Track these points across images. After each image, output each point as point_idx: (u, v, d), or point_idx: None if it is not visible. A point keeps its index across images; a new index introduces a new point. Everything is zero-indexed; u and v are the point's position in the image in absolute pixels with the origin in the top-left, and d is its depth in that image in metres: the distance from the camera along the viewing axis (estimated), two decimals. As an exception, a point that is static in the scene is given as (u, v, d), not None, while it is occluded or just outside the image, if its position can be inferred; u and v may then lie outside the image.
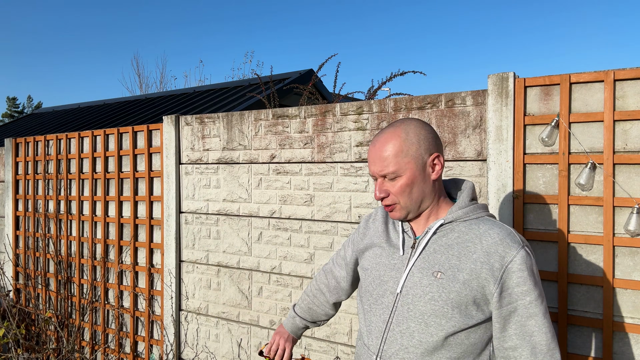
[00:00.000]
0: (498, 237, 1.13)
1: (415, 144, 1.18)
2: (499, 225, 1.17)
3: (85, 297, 3.47)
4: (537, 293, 1.10)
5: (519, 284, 1.09)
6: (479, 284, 1.11)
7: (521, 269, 1.09)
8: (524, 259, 1.10)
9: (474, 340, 1.15)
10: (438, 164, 1.20)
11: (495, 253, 1.11)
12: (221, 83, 7.91)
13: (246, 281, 2.70)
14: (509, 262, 1.10)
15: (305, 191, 2.49)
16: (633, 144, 1.73)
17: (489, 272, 1.10)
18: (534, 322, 1.09)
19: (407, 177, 1.18)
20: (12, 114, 38.31)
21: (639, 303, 1.73)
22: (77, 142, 3.54)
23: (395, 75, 3.50)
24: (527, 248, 1.13)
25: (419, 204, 1.21)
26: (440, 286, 1.13)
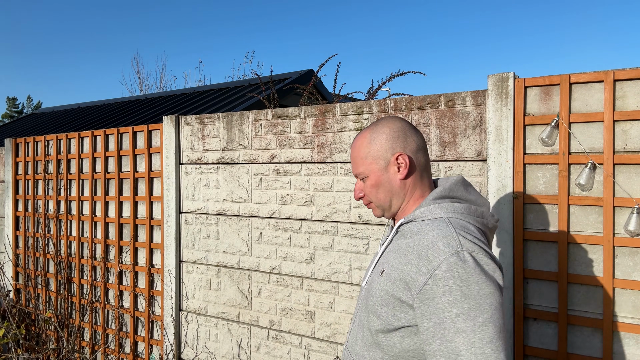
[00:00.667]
0: (431, 240, 1.05)
1: (378, 144, 1.20)
2: (442, 227, 1.07)
3: (85, 297, 3.47)
4: (467, 306, 0.96)
5: (445, 293, 0.98)
6: (406, 286, 1.05)
7: (446, 277, 0.98)
8: (451, 266, 0.98)
9: (408, 346, 1.07)
10: (402, 163, 1.18)
11: (425, 257, 1.03)
12: (221, 83, 7.92)
13: (246, 281, 2.70)
14: (435, 268, 1.00)
15: (305, 191, 2.49)
16: (633, 144, 1.73)
17: (414, 275, 1.03)
18: (462, 339, 0.95)
19: (372, 178, 1.22)
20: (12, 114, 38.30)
21: (639, 303, 1.73)
22: (77, 142, 3.54)
23: (395, 76, 3.50)
24: (469, 254, 1.00)
25: (389, 203, 1.23)
26: (380, 283, 1.13)
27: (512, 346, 1.92)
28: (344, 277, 2.37)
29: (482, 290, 0.98)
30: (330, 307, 2.41)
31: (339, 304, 2.38)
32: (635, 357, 1.74)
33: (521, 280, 1.90)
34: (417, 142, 1.22)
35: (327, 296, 2.42)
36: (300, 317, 2.50)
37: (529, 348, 1.91)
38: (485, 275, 0.99)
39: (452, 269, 0.98)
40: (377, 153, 1.20)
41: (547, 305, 1.88)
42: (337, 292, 2.39)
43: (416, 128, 1.25)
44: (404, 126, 1.22)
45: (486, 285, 0.98)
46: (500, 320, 0.97)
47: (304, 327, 2.49)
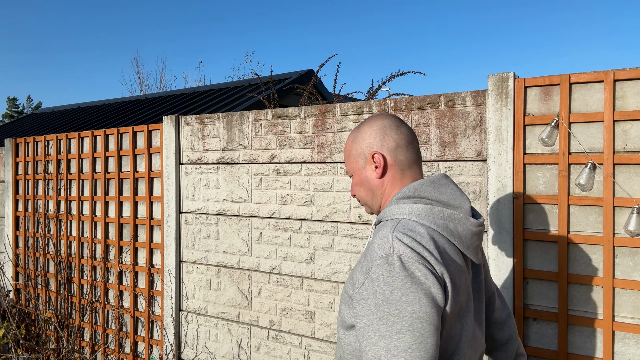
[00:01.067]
0: (375, 242, 1.04)
1: (358, 143, 1.21)
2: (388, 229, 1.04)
3: (85, 297, 3.47)
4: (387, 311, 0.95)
5: (371, 295, 0.98)
6: (352, 285, 1.06)
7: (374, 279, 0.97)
8: (378, 269, 0.97)
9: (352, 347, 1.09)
10: (377, 162, 1.17)
11: (367, 258, 1.04)
12: (221, 83, 7.92)
13: (246, 281, 2.70)
14: (369, 270, 1.00)
15: (305, 191, 2.49)
16: (633, 144, 1.73)
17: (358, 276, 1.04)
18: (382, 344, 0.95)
19: (355, 176, 1.23)
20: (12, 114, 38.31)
21: (639, 303, 1.73)
22: (77, 142, 3.54)
23: (395, 76, 3.50)
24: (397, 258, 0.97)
25: (371, 201, 1.23)
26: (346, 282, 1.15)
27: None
28: (344, 277, 2.36)
29: (404, 296, 0.94)
30: (331, 307, 2.41)
31: (339, 304, 2.38)
32: (635, 357, 1.73)
33: (521, 280, 1.90)
34: (398, 139, 1.17)
35: (327, 296, 2.41)
36: (300, 317, 2.50)
37: (529, 348, 1.91)
38: (411, 282, 0.95)
39: (378, 271, 0.97)
40: (357, 152, 1.21)
41: (547, 305, 1.88)
42: (337, 292, 2.39)
43: (402, 125, 1.20)
44: (385, 124, 1.19)
45: (411, 292, 0.94)
46: (423, 330, 0.93)
47: (304, 327, 2.49)
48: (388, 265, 0.96)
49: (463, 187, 2.05)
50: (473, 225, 1.09)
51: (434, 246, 1.01)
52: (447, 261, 1.02)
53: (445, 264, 1.00)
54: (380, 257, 0.98)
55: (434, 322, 0.95)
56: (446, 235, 1.06)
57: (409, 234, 1.01)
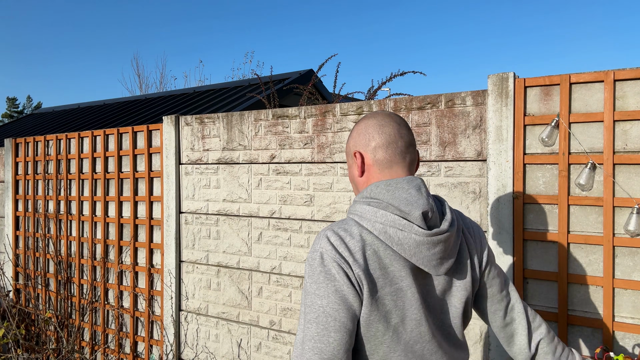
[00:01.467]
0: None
1: (348, 141, 1.24)
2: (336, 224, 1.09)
3: (85, 297, 3.47)
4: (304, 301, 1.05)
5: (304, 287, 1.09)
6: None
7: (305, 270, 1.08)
8: (307, 262, 1.07)
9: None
10: (357, 161, 1.18)
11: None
12: (221, 83, 7.92)
13: (246, 281, 2.70)
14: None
15: (305, 191, 2.49)
16: (633, 144, 1.73)
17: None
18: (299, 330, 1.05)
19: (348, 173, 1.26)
20: (12, 114, 38.31)
21: (639, 303, 1.73)
22: (77, 142, 3.54)
23: (395, 76, 3.50)
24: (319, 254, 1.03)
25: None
26: None
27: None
28: (344, 277, 2.36)
29: (317, 290, 1.02)
30: (330, 307, 2.41)
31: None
32: (635, 357, 1.73)
33: (521, 280, 1.90)
34: (378, 139, 1.15)
35: (327, 296, 2.41)
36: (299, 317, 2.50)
37: (529, 348, 1.91)
38: (325, 277, 1.01)
39: (307, 264, 1.06)
40: (347, 149, 1.25)
41: (547, 305, 1.88)
42: (337, 292, 2.39)
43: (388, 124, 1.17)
44: (369, 123, 1.18)
45: (323, 287, 1.01)
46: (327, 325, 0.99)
47: (304, 327, 2.49)
48: (312, 259, 1.05)
49: (463, 187, 2.05)
50: (418, 234, 1.03)
51: (359, 248, 1.03)
52: (373, 265, 1.03)
53: (369, 267, 1.02)
54: (311, 251, 1.07)
55: (340, 319, 1.00)
56: (384, 240, 1.04)
57: (340, 233, 1.05)
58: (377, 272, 1.03)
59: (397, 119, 1.19)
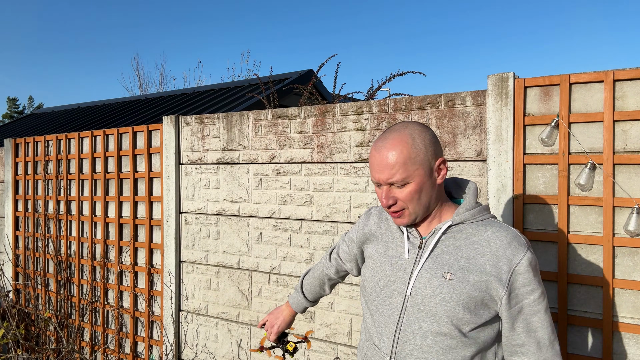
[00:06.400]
0: (506, 240, 1.16)
1: (423, 149, 1.17)
2: (505, 228, 1.20)
3: (85, 297, 3.47)
4: (540, 291, 1.15)
5: (524, 284, 1.13)
6: (488, 286, 1.14)
7: (527, 270, 1.13)
8: (530, 261, 1.14)
9: (485, 338, 1.18)
10: (444, 169, 1.22)
11: (503, 256, 1.14)
12: (221, 83, 7.91)
13: (246, 281, 2.70)
14: (516, 265, 1.13)
15: (305, 191, 2.49)
16: (633, 144, 1.73)
17: (497, 275, 1.14)
18: (537, 318, 1.14)
19: (416, 184, 1.17)
20: (13, 115, 38.31)
21: (639, 303, 1.73)
22: (76, 142, 3.54)
23: (395, 76, 3.50)
24: (531, 249, 1.18)
25: (427, 208, 1.21)
26: (451, 287, 1.15)
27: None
28: (343, 277, 2.36)
29: (540, 278, 1.18)
30: (330, 307, 2.41)
31: (338, 304, 2.38)
32: (635, 357, 1.73)
33: (521, 280, 1.90)
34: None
35: (327, 296, 2.41)
36: (300, 317, 2.50)
37: (528, 348, 1.90)
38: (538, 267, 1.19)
39: (531, 262, 1.14)
40: (424, 158, 1.17)
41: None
42: (337, 292, 2.39)
43: None
44: (433, 133, 1.25)
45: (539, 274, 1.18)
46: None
47: (304, 328, 2.49)
48: (533, 255, 1.16)
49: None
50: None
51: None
52: None
53: None
54: (527, 251, 1.15)
55: None
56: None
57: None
58: None
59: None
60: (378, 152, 1.18)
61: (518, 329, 1.15)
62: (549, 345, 1.15)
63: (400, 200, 1.19)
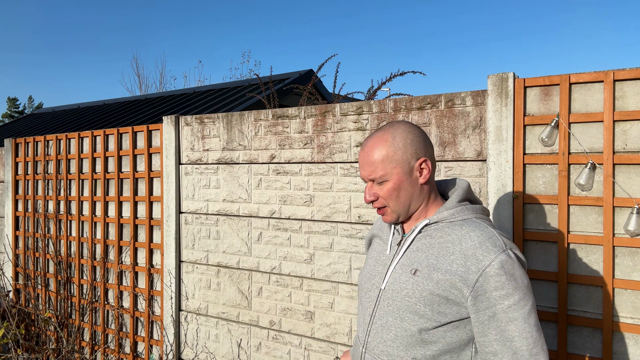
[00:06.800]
0: (477, 240, 1.13)
1: (402, 148, 1.21)
2: (482, 228, 1.16)
3: (85, 297, 3.47)
4: (517, 297, 1.08)
5: (496, 288, 1.08)
6: (452, 285, 1.12)
7: (499, 273, 1.08)
8: (503, 263, 1.08)
9: (452, 339, 1.15)
10: (425, 168, 1.22)
11: (472, 257, 1.11)
12: (221, 83, 7.92)
13: (246, 281, 2.70)
14: (486, 267, 1.08)
15: (305, 191, 2.49)
16: (633, 144, 1.73)
17: (464, 275, 1.10)
18: (514, 327, 1.07)
19: (394, 182, 1.21)
20: (13, 115, 38.30)
21: (639, 303, 1.73)
22: (76, 142, 3.54)
23: (395, 76, 3.50)
24: (512, 251, 1.12)
25: (407, 207, 1.25)
26: (415, 284, 1.17)
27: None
28: (343, 277, 2.36)
29: (524, 281, 1.11)
30: (330, 307, 2.41)
31: (338, 304, 2.38)
32: (635, 357, 1.73)
33: (521, 280, 1.90)
34: (432, 147, 1.28)
35: (327, 296, 2.41)
36: (300, 317, 2.50)
37: (528, 348, 1.90)
38: (523, 268, 1.13)
39: (503, 265, 1.09)
40: (402, 157, 1.20)
41: (547, 305, 1.88)
42: (337, 292, 2.39)
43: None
44: (421, 132, 1.26)
45: (525, 277, 1.12)
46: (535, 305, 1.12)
47: (304, 327, 2.49)
48: (510, 259, 1.10)
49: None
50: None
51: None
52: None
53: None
54: (500, 253, 1.10)
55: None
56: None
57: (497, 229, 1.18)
58: None
59: None
60: (362, 149, 1.26)
61: (490, 336, 1.09)
62: (529, 358, 1.07)
63: (381, 197, 1.24)
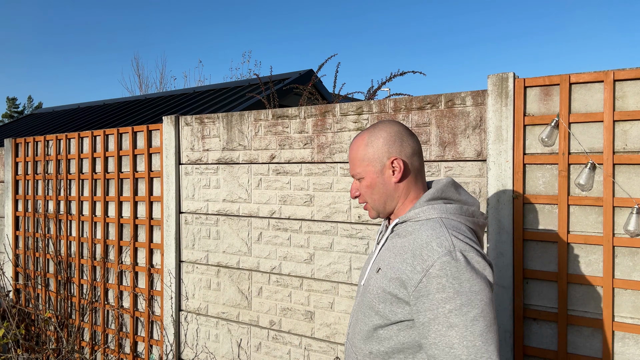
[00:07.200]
0: (426, 240, 1.10)
1: (375, 147, 1.25)
2: (435, 227, 1.12)
3: (85, 297, 3.47)
4: (459, 302, 1.02)
5: (438, 290, 1.04)
6: (402, 283, 1.11)
7: (440, 275, 1.04)
8: (444, 265, 1.04)
9: (404, 340, 1.13)
10: (397, 167, 1.23)
11: (419, 256, 1.09)
12: (221, 83, 7.92)
13: (246, 281, 2.70)
14: (429, 267, 1.06)
15: (305, 191, 2.49)
16: (633, 144, 1.73)
17: (410, 274, 1.09)
18: (454, 333, 1.02)
19: (368, 180, 1.27)
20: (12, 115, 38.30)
21: (639, 303, 1.73)
22: (76, 142, 3.54)
23: (395, 76, 3.50)
24: (461, 253, 1.06)
25: (383, 204, 1.28)
26: (375, 281, 1.20)
27: (512, 345, 1.92)
28: (343, 277, 2.36)
29: (473, 287, 1.04)
30: (330, 307, 2.41)
31: (338, 304, 2.38)
32: (635, 357, 1.74)
33: (521, 280, 1.90)
34: (413, 146, 1.26)
35: (327, 296, 2.42)
36: (300, 317, 2.50)
37: (529, 348, 1.91)
38: (475, 273, 1.05)
39: (445, 267, 1.04)
40: (374, 156, 1.25)
41: (547, 305, 1.88)
42: (337, 292, 2.39)
43: (412, 132, 1.29)
44: (400, 130, 1.26)
45: (477, 282, 1.04)
46: (490, 315, 1.04)
47: (304, 327, 2.49)
48: (454, 260, 1.05)
49: (463, 186, 2.05)
50: (485, 218, 1.26)
51: (476, 239, 1.16)
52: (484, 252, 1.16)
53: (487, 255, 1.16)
54: (444, 254, 1.06)
55: (494, 305, 1.07)
56: (474, 229, 1.20)
57: (460, 231, 1.13)
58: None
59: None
60: (349, 147, 1.32)
61: (430, 339, 1.05)
62: None
63: (362, 193, 1.30)
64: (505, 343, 1.92)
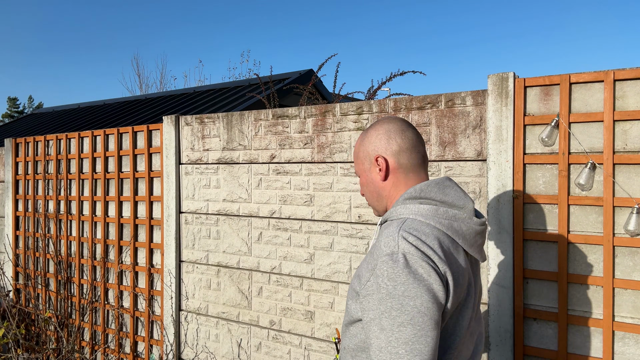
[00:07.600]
0: (382, 240, 1.07)
1: (365, 145, 1.26)
2: (394, 228, 1.08)
3: (85, 297, 3.47)
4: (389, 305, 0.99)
5: (376, 290, 1.02)
6: (359, 281, 1.10)
7: (379, 275, 1.02)
8: (383, 265, 1.02)
9: (364, 337, 1.11)
10: (381, 165, 1.22)
11: (372, 255, 1.08)
12: (221, 83, 7.92)
13: (246, 281, 2.70)
14: (375, 267, 1.04)
15: (305, 191, 2.49)
16: (633, 144, 1.73)
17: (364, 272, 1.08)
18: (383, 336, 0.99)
19: (362, 178, 1.29)
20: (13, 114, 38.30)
21: (639, 303, 1.73)
22: (77, 142, 3.54)
23: (395, 75, 3.50)
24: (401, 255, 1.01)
25: (376, 202, 1.28)
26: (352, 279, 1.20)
27: (512, 345, 1.92)
28: (343, 277, 2.36)
29: (407, 291, 0.98)
30: (330, 307, 2.41)
31: (339, 303, 2.38)
32: (635, 357, 1.73)
33: (521, 280, 1.90)
34: (401, 143, 1.20)
35: (327, 296, 2.41)
36: (300, 317, 2.50)
37: (529, 348, 1.91)
38: (414, 277, 0.99)
39: (383, 267, 1.02)
40: (363, 154, 1.26)
41: (547, 305, 1.88)
42: (337, 292, 2.39)
43: (408, 129, 1.23)
44: (390, 128, 1.23)
45: (413, 287, 0.98)
46: (424, 324, 0.97)
47: (304, 327, 2.49)
48: (393, 262, 1.01)
49: (463, 186, 2.05)
50: (476, 224, 1.14)
51: (438, 245, 1.05)
52: (450, 260, 1.05)
53: (449, 262, 1.04)
54: (386, 254, 1.02)
55: (434, 317, 0.99)
56: (450, 235, 1.09)
57: (414, 233, 1.05)
58: (454, 266, 1.05)
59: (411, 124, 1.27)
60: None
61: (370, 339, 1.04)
62: None
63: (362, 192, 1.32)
64: (505, 343, 1.92)
